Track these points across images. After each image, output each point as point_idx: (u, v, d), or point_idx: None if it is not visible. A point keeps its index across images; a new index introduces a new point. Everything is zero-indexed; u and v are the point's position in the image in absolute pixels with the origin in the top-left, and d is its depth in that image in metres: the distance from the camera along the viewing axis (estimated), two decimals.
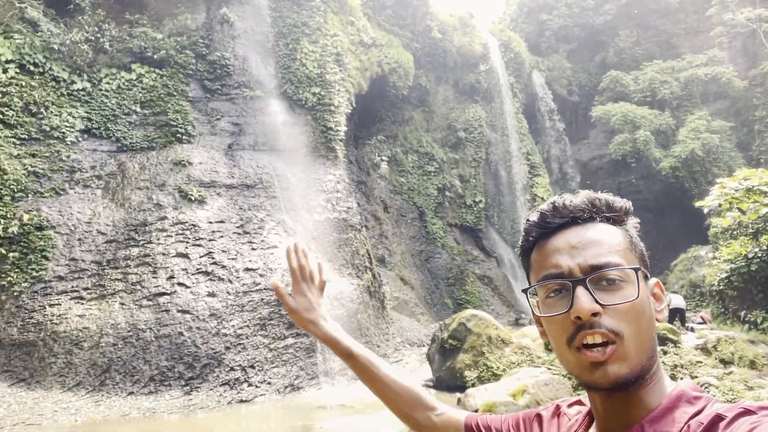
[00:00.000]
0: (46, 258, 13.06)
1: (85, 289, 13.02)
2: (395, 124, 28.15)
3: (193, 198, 15.01)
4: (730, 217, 15.18)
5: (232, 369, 12.61)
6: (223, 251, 14.15)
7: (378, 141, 26.28)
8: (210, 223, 14.68)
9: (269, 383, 12.81)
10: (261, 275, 14.09)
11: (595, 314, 0.95)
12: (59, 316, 12.33)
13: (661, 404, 0.97)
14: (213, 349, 12.60)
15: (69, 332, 12.09)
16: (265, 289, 13.87)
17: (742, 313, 14.26)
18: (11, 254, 12.76)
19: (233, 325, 13.05)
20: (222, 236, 14.53)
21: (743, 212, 14.42)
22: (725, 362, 11.18)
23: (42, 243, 13.17)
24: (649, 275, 1.05)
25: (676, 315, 16.15)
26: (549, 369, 11.97)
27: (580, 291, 0.97)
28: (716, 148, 29.16)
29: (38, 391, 11.16)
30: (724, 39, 33.80)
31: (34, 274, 12.79)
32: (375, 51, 23.43)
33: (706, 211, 14.77)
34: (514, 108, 33.12)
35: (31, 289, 12.65)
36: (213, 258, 13.93)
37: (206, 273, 13.67)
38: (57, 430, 9.88)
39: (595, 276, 0.98)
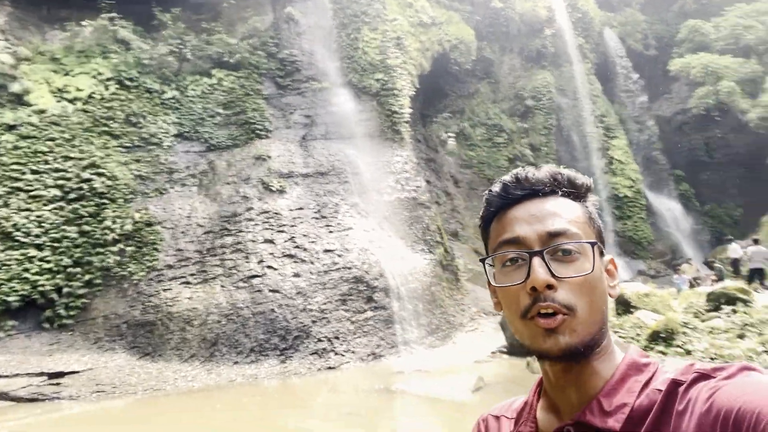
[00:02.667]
0: (157, 250, 15.10)
1: (191, 275, 14.96)
2: (461, 98, 28.51)
3: (274, 189, 16.55)
4: None
5: (319, 340, 14.11)
6: (304, 235, 15.61)
7: (444, 118, 26.84)
8: (290, 210, 16.19)
9: (353, 352, 14.19)
10: (339, 255, 15.44)
11: (549, 287, 0.96)
12: (172, 299, 14.33)
13: (613, 376, 0.99)
14: (301, 323, 14.14)
15: (181, 312, 14.06)
16: (343, 267, 15.21)
17: None
18: (128, 248, 14.89)
19: (317, 302, 14.52)
20: (302, 222, 15.99)
21: None
22: None
23: (152, 237, 15.22)
24: (604, 252, 1.07)
25: (755, 274, 15.83)
26: (616, 332, 12.43)
27: (537, 262, 0.98)
28: None
29: (160, 363, 13.19)
30: None
31: (149, 264, 14.86)
32: (435, 30, 23.88)
33: None
34: (585, 70, 32.26)
35: (147, 277, 14.74)
36: (295, 242, 15.44)
37: (290, 256, 15.21)
38: (178, 394, 11.78)
39: (552, 248, 0.99)
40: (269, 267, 14.88)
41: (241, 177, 16.89)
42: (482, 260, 1.10)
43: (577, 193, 1.09)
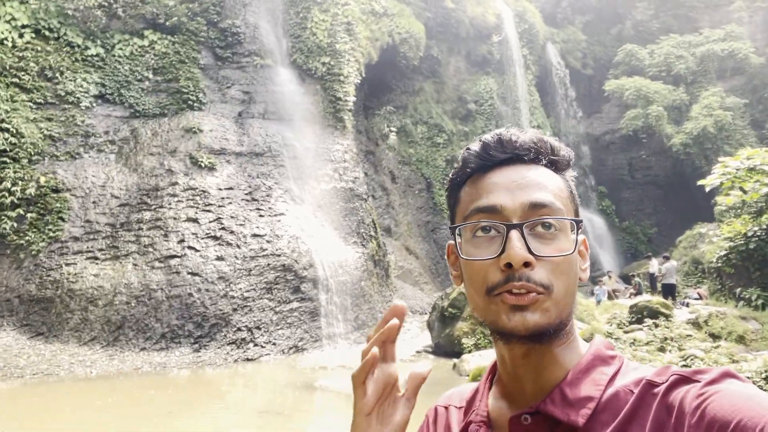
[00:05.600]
0: (63, 219, 13.61)
1: (100, 249, 13.59)
2: (405, 94, 28.17)
3: (203, 165, 15.41)
4: (734, 196, 15.31)
5: (239, 329, 13.20)
6: (232, 217, 14.61)
7: (387, 111, 26.37)
8: (219, 189, 15.11)
9: (274, 344, 13.40)
10: (268, 241, 14.56)
11: (527, 264, 0.87)
12: (75, 274, 12.93)
13: (579, 364, 0.91)
14: (221, 310, 13.17)
15: (84, 290, 12.70)
16: (271, 254, 14.36)
17: (738, 290, 14.53)
18: (29, 215, 13.32)
19: (240, 288, 13.59)
20: (231, 203, 14.97)
21: (745, 191, 14.55)
22: (714, 336, 11.51)
23: (58, 205, 13.70)
24: (581, 232, 0.98)
25: (669, 292, 16.48)
26: None
27: (515, 236, 0.88)
28: (729, 126, 28.87)
29: (56, 345, 11.83)
30: (744, 14, 33.06)
31: (51, 234, 13.35)
32: (386, 20, 23.35)
33: (707, 189, 14.89)
34: (527, 81, 32.89)
35: (48, 249, 13.24)
36: (222, 223, 14.41)
37: (215, 238, 14.17)
38: (74, 381, 10.54)
39: (532, 222, 0.90)
40: (190, 248, 13.78)
41: (167, 149, 15.60)
42: (452, 229, 0.98)
43: (559, 164, 0.99)
